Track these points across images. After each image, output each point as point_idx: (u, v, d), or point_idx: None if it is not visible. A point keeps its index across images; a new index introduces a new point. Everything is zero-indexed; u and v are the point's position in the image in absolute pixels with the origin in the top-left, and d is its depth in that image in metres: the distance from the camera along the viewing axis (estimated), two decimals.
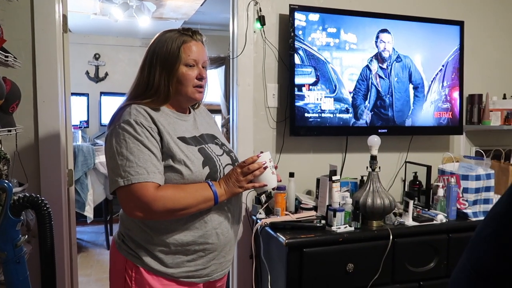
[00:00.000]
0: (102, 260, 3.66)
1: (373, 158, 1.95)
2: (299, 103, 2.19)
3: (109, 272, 1.34)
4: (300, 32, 2.17)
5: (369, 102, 2.32)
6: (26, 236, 1.37)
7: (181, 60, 1.25)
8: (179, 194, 1.17)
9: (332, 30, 2.23)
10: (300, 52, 2.18)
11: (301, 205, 2.07)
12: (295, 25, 2.16)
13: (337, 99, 2.26)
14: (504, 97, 2.68)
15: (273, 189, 1.37)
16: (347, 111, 2.28)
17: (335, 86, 2.26)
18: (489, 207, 2.14)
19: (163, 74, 1.25)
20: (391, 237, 1.87)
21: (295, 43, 2.16)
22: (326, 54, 2.23)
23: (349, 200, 1.94)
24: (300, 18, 2.17)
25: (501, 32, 2.73)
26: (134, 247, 1.25)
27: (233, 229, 1.34)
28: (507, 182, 2.25)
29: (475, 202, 2.12)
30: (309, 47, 2.19)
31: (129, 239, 1.26)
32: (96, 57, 4.93)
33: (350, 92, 2.29)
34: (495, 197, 2.18)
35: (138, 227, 1.25)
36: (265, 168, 1.26)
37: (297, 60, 2.17)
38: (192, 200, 1.18)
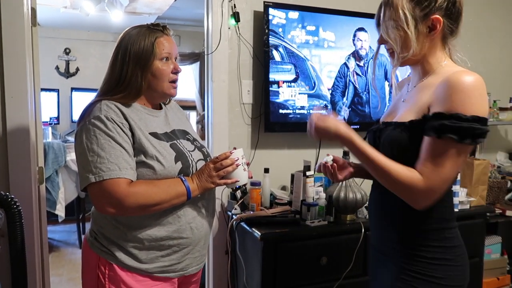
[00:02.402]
0: (75, 260, 3.59)
1: (346, 154, 2.00)
2: (277, 99, 2.21)
3: (82, 270, 1.32)
4: (280, 30, 2.20)
5: (347, 99, 2.38)
6: None
7: (156, 54, 1.25)
8: (151, 190, 1.17)
9: (311, 28, 2.27)
10: (280, 49, 2.21)
11: (276, 200, 2.10)
12: (275, 22, 2.18)
13: (316, 96, 2.31)
14: None
15: (244, 185, 1.39)
16: (326, 107, 2.33)
17: (314, 83, 2.30)
18: (455, 200, 2.23)
19: (136, 69, 1.24)
20: (363, 230, 1.93)
21: (275, 40, 2.19)
22: (305, 51, 2.26)
23: (323, 195, 1.98)
24: (280, 16, 2.19)
25: (466, 31, 2.83)
26: (107, 244, 1.24)
27: (207, 223, 1.35)
28: (471, 175, 2.35)
29: None
30: (289, 44, 2.22)
31: (102, 236, 1.25)
32: (67, 51, 4.80)
33: (328, 89, 2.33)
34: (460, 190, 2.27)
35: (111, 223, 1.24)
36: (237, 165, 1.27)
37: (277, 57, 2.20)
38: (165, 195, 1.19)
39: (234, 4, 2.18)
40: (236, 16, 2.18)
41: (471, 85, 0.97)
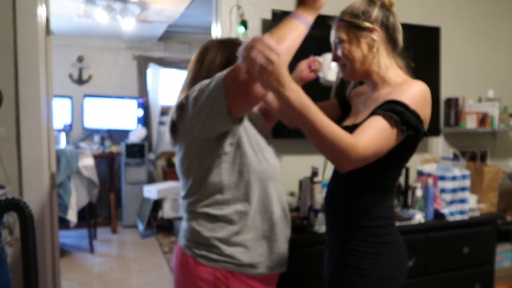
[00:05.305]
0: (86, 264, 3.63)
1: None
2: None
3: None
4: None
5: None
6: (8, 239, 1.37)
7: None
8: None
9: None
10: None
11: None
12: None
13: None
14: (480, 100, 2.77)
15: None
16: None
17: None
18: (465, 206, 2.21)
19: None
20: None
21: None
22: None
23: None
24: None
25: (477, 37, 2.82)
26: (225, 253, 1.22)
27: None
28: (482, 182, 2.32)
29: (451, 202, 2.19)
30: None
31: (217, 242, 1.22)
32: (80, 59, 4.89)
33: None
34: (470, 197, 2.25)
35: (225, 229, 1.23)
36: None
37: None
38: None
39: (243, 12, 2.21)
40: (244, 24, 2.20)
41: (420, 89, 1.10)
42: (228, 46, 1.31)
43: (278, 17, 2.18)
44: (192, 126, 1.18)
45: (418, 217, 2.11)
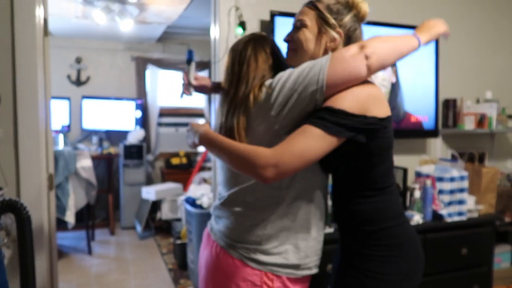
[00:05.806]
0: (84, 266, 3.62)
1: None
2: None
3: None
4: None
5: None
6: (5, 240, 1.37)
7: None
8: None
9: None
10: None
11: None
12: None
13: None
14: (478, 102, 2.77)
15: None
16: None
17: None
18: (463, 208, 2.21)
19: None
20: None
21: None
22: None
23: (329, 202, 1.98)
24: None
25: (475, 38, 2.83)
26: (275, 252, 1.19)
27: None
28: (480, 183, 2.33)
29: (450, 203, 2.19)
30: None
31: (267, 242, 1.19)
32: (78, 60, 4.89)
33: None
34: (469, 198, 2.26)
35: (279, 227, 1.20)
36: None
37: None
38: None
39: (241, 13, 2.22)
40: (242, 25, 2.20)
41: (351, 90, 1.07)
42: (260, 39, 1.32)
43: (276, 18, 2.19)
44: (278, 112, 1.13)
45: (416, 218, 2.11)
